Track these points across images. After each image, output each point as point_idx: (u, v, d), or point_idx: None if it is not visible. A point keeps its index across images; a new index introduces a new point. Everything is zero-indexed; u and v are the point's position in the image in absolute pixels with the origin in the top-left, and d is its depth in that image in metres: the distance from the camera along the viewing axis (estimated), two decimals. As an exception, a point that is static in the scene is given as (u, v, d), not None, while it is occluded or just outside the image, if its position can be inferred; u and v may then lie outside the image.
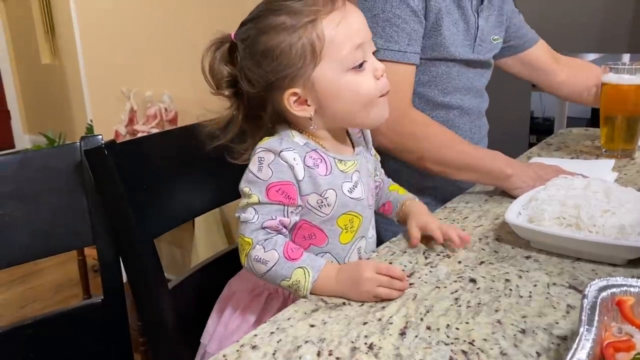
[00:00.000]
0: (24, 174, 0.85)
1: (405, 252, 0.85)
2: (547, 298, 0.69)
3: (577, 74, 1.39)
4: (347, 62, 0.75)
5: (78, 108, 3.51)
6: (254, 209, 0.75)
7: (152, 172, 0.90)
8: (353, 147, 0.85)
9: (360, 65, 0.76)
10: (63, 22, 4.19)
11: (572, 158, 1.27)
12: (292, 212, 0.76)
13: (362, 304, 0.70)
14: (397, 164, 1.07)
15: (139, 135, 2.34)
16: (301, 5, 0.73)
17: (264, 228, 0.75)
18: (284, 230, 0.77)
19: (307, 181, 0.76)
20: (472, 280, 0.74)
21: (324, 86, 0.75)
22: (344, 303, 0.71)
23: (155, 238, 0.86)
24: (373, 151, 0.93)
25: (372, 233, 0.88)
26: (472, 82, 1.16)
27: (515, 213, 0.86)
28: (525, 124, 2.87)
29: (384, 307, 0.69)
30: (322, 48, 0.73)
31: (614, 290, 0.56)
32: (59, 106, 4.42)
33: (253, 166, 0.76)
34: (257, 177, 0.75)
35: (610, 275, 0.73)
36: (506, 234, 0.88)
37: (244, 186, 0.76)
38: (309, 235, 0.80)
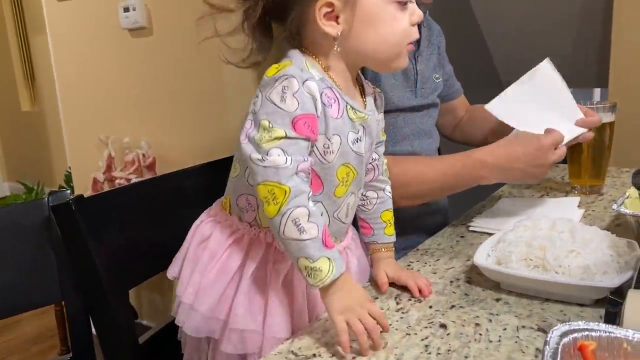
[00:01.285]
0: (-8, 231, 0.84)
1: (377, 297, 0.85)
2: (516, 342, 0.69)
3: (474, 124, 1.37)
4: None
5: (57, 155, 3.50)
6: (281, 148, 0.67)
7: (121, 225, 0.89)
8: (364, 100, 0.81)
9: (405, 3, 0.73)
10: (43, 69, 4.22)
11: (541, 196, 1.29)
12: (311, 151, 0.72)
13: (333, 355, 0.69)
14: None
15: (117, 181, 2.34)
16: None
17: (298, 173, 0.68)
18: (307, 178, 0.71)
19: (321, 118, 0.71)
20: (443, 326, 0.74)
21: (366, 8, 0.71)
22: (314, 355, 0.70)
23: (126, 290, 0.85)
24: (381, 119, 0.88)
25: (360, 192, 0.85)
26: (419, 126, 1.18)
27: (484, 255, 0.86)
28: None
29: (354, 358, 0.68)
30: None
31: (575, 335, 0.56)
32: (38, 153, 4.40)
33: (275, 94, 0.68)
34: (280, 108, 0.68)
35: (579, 316, 0.74)
36: (477, 276, 0.88)
37: (262, 118, 0.68)
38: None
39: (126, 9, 2.22)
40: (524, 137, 0.98)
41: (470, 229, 1.10)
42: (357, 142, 0.77)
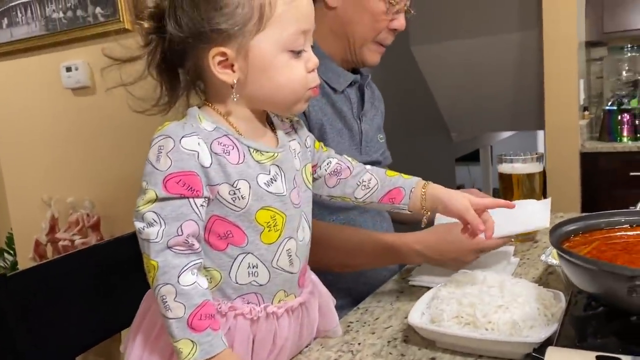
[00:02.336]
0: None
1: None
2: (448, 404, 0.69)
3: None
4: (288, 42, 0.72)
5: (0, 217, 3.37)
6: (154, 211, 0.67)
7: (49, 301, 0.86)
8: (278, 139, 0.80)
9: (299, 52, 0.74)
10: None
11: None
12: (201, 205, 0.70)
13: None
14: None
15: (61, 243, 2.26)
16: None
17: (170, 248, 0.67)
18: (196, 244, 0.69)
19: (216, 169, 0.70)
20: (377, 391, 0.74)
21: (258, 57, 0.72)
22: None
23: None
24: (310, 142, 0.87)
25: (302, 235, 0.81)
26: None
27: (419, 313, 0.87)
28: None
29: None
30: (270, 18, 0.71)
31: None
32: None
33: (152, 155, 0.69)
34: (155, 168, 0.68)
35: (509, 373, 0.75)
36: (414, 334, 0.88)
37: (142, 180, 0.68)
38: (224, 234, 0.73)
39: (68, 69, 2.21)
40: (450, 232, 1.02)
41: (410, 283, 1.11)
42: (271, 183, 0.75)
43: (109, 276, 0.97)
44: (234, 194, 0.72)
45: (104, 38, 2.10)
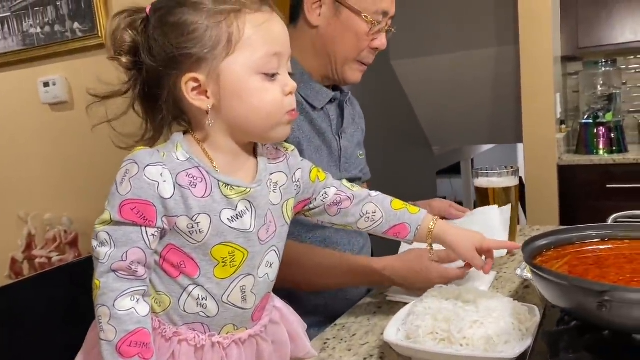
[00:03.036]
0: None
1: (290, 381, 0.83)
2: (423, 421, 0.69)
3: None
4: (259, 65, 0.72)
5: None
6: (107, 232, 0.68)
7: (22, 320, 0.85)
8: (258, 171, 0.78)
9: (273, 75, 0.73)
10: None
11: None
12: (152, 234, 0.70)
13: None
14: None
15: (37, 260, 2.23)
16: None
17: (113, 271, 0.68)
18: (140, 270, 0.70)
19: (177, 200, 0.70)
20: (352, 409, 0.74)
21: (230, 81, 0.71)
22: None
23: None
24: (300, 175, 0.86)
25: (265, 272, 0.79)
26: None
27: (394, 329, 0.87)
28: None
29: None
30: (239, 41, 0.71)
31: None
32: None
33: (118, 177, 0.70)
34: (117, 190, 0.69)
35: (484, 388, 0.75)
36: (390, 351, 0.88)
37: (106, 199, 0.70)
38: (178, 264, 0.73)
39: (46, 84, 2.19)
40: (419, 261, 1.05)
41: (388, 298, 1.11)
42: (236, 219, 0.74)
43: (86, 294, 0.95)
44: (192, 227, 0.71)
45: (83, 53, 2.10)
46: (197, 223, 0.71)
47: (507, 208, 1.22)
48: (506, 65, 3.32)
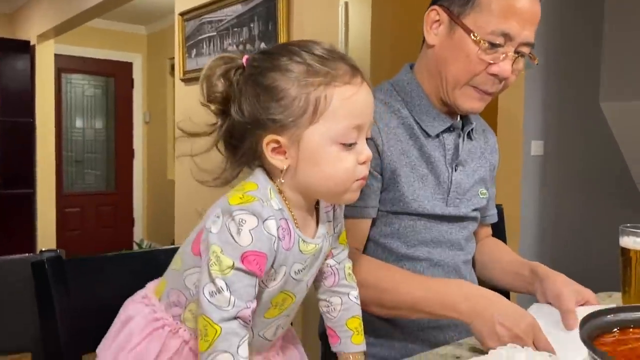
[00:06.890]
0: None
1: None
2: None
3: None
4: (339, 135, 0.73)
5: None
6: (225, 283, 0.68)
7: (91, 291, 0.93)
8: (317, 224, 0.80)
9: (350, 145, 0.74)
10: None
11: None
12: (257, 284, 0.72)
13: None
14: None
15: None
16: (321, 65, 0.73)
17: (236, 318, 0.68)
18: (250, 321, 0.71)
19: (272, 254, 0.72)
20: None
21: (309, 147, 0.73)
22: None
23: (79, 354, 0.88)
24: (339, 227, 0.87)
25: (295, 310, 0.84)
26: (444, 236, 1.10)
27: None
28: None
29: None
30: (324, 112, 0.72)
31: None
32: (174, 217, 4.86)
33: (233, 226, 0.69)
34: (235, 241, 0.69)
35: None
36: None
37: (214, 242, 0.69)
38: None
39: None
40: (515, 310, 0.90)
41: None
42: (301, 271, 0.77)
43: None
44: (270, 275, 0.74)
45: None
46: (277, 273, 0.75)
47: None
48: None
